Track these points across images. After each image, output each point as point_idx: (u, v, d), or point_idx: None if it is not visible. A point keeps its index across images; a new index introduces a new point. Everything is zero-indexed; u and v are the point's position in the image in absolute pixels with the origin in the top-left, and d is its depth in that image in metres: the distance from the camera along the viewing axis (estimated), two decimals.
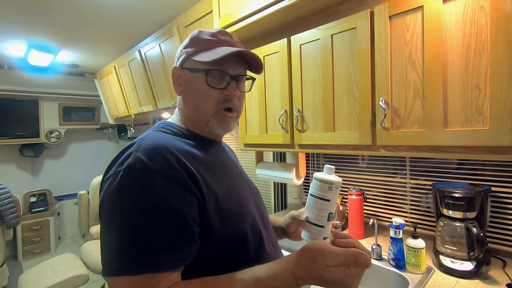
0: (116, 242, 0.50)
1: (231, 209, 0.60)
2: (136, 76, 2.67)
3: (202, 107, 0.65)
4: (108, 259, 0.50)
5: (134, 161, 0.52)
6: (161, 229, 0.50)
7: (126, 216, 0.50)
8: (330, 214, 0.68)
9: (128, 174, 0.51)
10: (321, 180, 0.67)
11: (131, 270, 0.48)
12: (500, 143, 0.77)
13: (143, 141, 0.56)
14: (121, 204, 0.51)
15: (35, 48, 2.47)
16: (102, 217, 0.54)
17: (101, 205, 0.54)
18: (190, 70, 0.65)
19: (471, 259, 1.02)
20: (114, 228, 0.50)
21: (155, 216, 0.50)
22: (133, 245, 0.49)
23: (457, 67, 0.84)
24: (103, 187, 0.55)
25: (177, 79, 0.68)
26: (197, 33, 0.68)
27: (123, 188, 0.51)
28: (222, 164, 0.68)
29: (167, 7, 1.83)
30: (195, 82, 0.65)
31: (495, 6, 0.76)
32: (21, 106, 3.53)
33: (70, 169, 4.23)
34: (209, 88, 0.64)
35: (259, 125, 1.50)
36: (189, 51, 0.66)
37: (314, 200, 0.68)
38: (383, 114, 0.99)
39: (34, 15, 1.87)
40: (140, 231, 0.49)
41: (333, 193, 0.67)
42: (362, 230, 1.44)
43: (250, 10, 1.30)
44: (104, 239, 0.52)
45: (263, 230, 0.67)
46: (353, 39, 1.07)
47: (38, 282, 2.04)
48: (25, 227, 3.46)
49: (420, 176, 1.38)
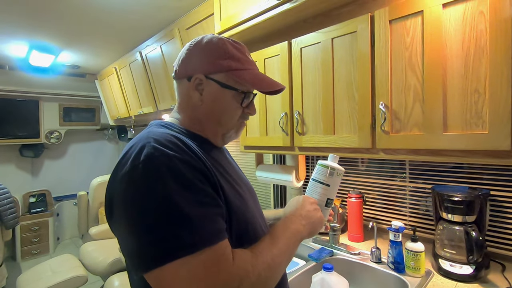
0: (160, 229, 0.47)
1: (235, 204, 0.60)
2: (136, 78, 2.68)
3: (225, 121, 0.68)
4: (155, 248, 0.47)
5: (152, 150, 0.51)
6: (199, 205, 0.50)
7: (162, 202, 0.48)
8: (329, 200, 0.70)
9: (151, 162, 0.50)
10: (324, 165, 0.71)
11: (193, 247, 0.47)
12: (499, 147, 0.78)
13: (151, 134, 0.56)
14: (152, 191, 0.49)
15: (36, 49, 2.48)
16: (128, 213, 0.51)
17: (125, 202, 0.51)
18: (222, 84, 0.65)
19: (470, 262, 1.02)
20: (151, 217, 0.48)
21: (189, 195, 0.50)
22: (182, 225, 0.48)
23: (457, 72, 0.85)
24: (123, 184, 0.52)
25: (197, 86, 0.65)
26: (225, 43, 0.65)
27: (149, 176, 0.50)
28: (222, 164, 0.69)
29: (168, 9, 1.84)
30: (225, 97, 0.66)
31: (494, 12, 0.77)
32: (21, 106, 3.53)
33: (70, 169, 4.23)
34: (239, 107, 0.68)
35: (260, 127, 1.51)
36: (222, 64, 0.64)
37: (315, 184, 0.71)
38: (383, 118, 1.00)
39: (36, 16, 1.88)
40: (183, 211, 0.48)
41: (334, 179, 0.70)
42: (361, 233, 1.44)
43: (251, 13, 1.31)
44: (139, 234, 0.49)
45: (264, 227, 0.69)
46: (354, 42, 1.08)
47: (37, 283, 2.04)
48: (24, 228, 3.46)
49: (420, 179, 1.38)
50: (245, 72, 0.66)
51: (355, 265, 1.24)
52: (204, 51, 0.66)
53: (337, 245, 1.37)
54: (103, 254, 2.45)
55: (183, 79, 0.67)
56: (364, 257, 1.26)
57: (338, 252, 1.32)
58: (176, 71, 0.69)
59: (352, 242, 1.43)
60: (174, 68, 0.70)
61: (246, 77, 0.65)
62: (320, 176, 0.71)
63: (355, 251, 1.30)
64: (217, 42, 0.66)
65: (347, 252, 1.31)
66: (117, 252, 2.39)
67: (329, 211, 0.73)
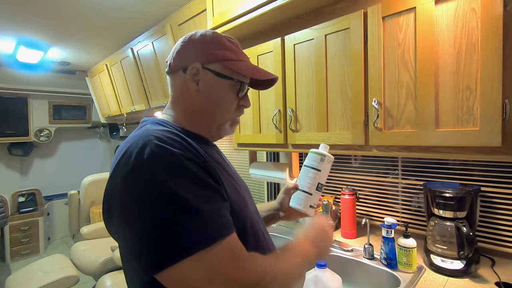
0: (173, 225, 0.47)
1: (233, 201, 0.59)
2: (128, 75, 2.64)
3: (222, 112, 0.67)
4: (170, 244, 0.46)
5: (156, 147, 0.51)
6: (208, 201, 0.51)
7: (172, 199, 0.47)
8: (319, 185, 0.77)
9: (156, 160, 0.49)
10: (315, 152, 0.77)
11: (208, 240, 0.48)
12: (489, 143, 0.78)
13: (150, 131, 0.55)
14: (161, 189, 0.48)
15: (24, 45, 2.41)
16: (135, 213, 0.49)
17: (131, 201, 0.50)
18: (218, 74, 0.65)
19: (461, 258, 1.03)
20: (163, 214, 0.47)
21: (198, 191, 0.50)
22: (194, 220, 0.47)
23: (449, 68, 0.85)
24: (127, 184, 0.50)
25: (194, 76, 0.64)
26: (219, 36, 0.67)
27: (156, 174, 0.48)
28: (220, 162, 0.68)
29: (160, 5, 1.81)
30: (221, 87, 0.66)
31: (485, 9, 0.77)
32: (9, 104, 3.45)
33: (61, 168, 4.16)
34: (235, 97, 0.68)
35: (253, 124, 1.50)
36: (218, 54, 0.65)
37: (307, 169, 0.78)
38: (375, 115, 1.00)
39: (23, 10, 1.83)
40: (193, 207, 0.48)
41: (324, 165, 0.76)
42: (354, 230, 1.44)
43: (244, 9, 1.30)
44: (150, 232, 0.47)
45: (261, 224, 0.70)
46: (347, 39, 1.08)
47: (27, 284, 2.00)
48: (13, 228, 3.39)
49: (412, 176, 1.39)
50: (240, 63, 0.67)
51: (348, 261, 1.25)
52: (200, 42, 0.66)
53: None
54: (95, 254, 2.41)
55: (179, 71, 0.66)
56: (357, 253, 1.27)
57: (331, 249, 1.33)
58: (171, 64, 0.68)
59: (345, 239, 1.43)
60: (168, 62, 0.69)
61: (242, 67, 0.66)
62: (312, 162, 0.77)
63: (348, 247, 1.31)
64: (212, 34, 0.67)
65: (340, 249, 1.31)
66: (109, 252, 2.36)
67: (320, 195, 0.79)
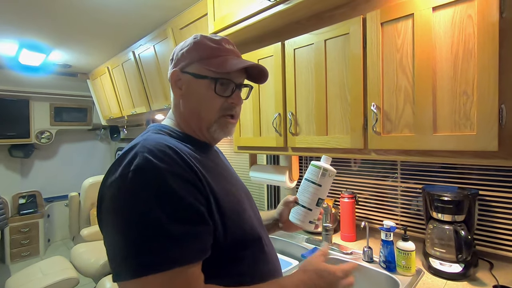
0: (138, 243, 0.48)
1: (230, 209, 0.60)
2: (129, 77, 2.66)
3: (205, 112, 0.66)
4: (129, 261, 0.48)
5: (143, 161, 0.52)
6: (182, 222, 0.50)
7: (144, 215, 0.49)
8: (320, 200, 0.73)
9: (139, 173, 0.51)
10: (316, 166, 0.73)
11: (165, 264, 0.47)
12: (486, 148, 0.79)
13: (146, 142, 0.56)
14: (136, 203, 0.49)
15: (26, 48, 2.44)
16: (110, 220, 0.52)
17: (110, 208, 0.52)
18: (195, 75, 0.66)
19: (459, 261, 1.04)
20: (132, 228, 0.49)
21: (173, 211, 0.50)
22: (159, 241, 0.48)
23: (446, 74, 0.86)
24: (111, 190, 0.53)
25: (176, 82, 0.68)
26: (200, 38, 0.67)
27: (136, 187, 0.50)
28: (218, 167, 0.69)
29: (162, 9, 1.83)
30: (199, 87, 0.66)
31: (482, 16, 0.79)
32: (11, 106, 3.47)
33: (61, 170, 4.17)
34: (215, 96, 0.65)
35: (253, 128, 1.51)
36: (194, 56, 0.66)
37: (307, 183, 0.74)
38: (374, 119, 1.01)
39: (26, 14, 1.85)
40: (163, 227, 0.48)
41: (325, 179, 0.72)
42: (354, 233, 1.45)
43: (245, 13, 1.32)
44: (117, 242, 0.50)
45: (260, 229, 0.69)
46: (346, 44, 1.09)
47: (27, 286, 2.00)
48: (14, 229, 3.39)
49: (411, 179, 1.40)
50: (216, 59, 0.65)
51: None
52: (178, 49, 0.69)
53: (329, 244, 1.38)
54: (95, 256, 2.42)
55: (170, 81, 0.70)
56: (356, 256, 1.27)
57: (331, 252, 1.33)
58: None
59: (344, 242, 1.44)
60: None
61: (213, 63, 0.65)
62: (312, 176, 0.73)
63: (347, 250, 1.31)
64: (195, 39, 0.68)
65: (339, 252, 1.32)
66: None
67: (320, 210, 0.76)
